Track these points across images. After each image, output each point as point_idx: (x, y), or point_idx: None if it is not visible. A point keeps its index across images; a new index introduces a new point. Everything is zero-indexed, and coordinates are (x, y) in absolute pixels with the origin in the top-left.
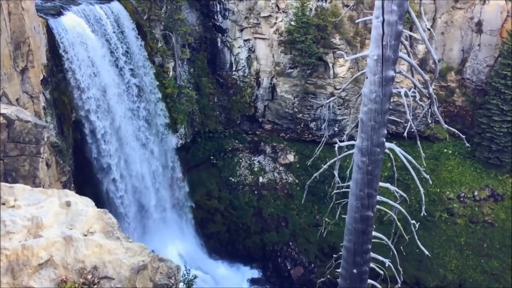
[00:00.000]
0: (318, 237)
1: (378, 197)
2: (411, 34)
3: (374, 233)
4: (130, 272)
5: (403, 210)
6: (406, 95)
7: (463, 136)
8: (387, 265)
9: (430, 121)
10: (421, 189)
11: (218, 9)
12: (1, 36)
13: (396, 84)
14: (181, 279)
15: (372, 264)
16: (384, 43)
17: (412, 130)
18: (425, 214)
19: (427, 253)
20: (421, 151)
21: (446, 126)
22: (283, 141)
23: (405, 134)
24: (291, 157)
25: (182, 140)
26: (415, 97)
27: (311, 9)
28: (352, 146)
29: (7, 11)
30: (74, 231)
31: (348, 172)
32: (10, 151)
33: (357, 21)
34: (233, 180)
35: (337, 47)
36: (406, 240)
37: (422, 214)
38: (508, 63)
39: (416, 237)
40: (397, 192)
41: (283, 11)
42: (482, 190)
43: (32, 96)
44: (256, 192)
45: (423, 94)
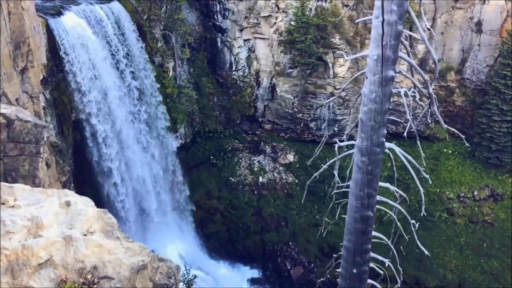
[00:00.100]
0: (318, 237)
1: (378, 197)
2: (411, 34)
3: (374, 233)
4: (130, 272)
5: (403, 210)
6: (406, 95)
7: (463, 136)
8: (387, 265)
9: (430, 121)
10: (421, 189)
11: (218, 9)
12: (1, 36)
13: (396, 84)
14: (181, 279)
15: (372, 264)
16: (384, 43)
17: (412, 130)
18: (425, 214)
19: (427, 253)
20: (421, 151)
21: (446, 126)
22: (283, 141)
23: (405, 134)
24: (291, 157)
25: (182, 140)
26: (415, 97)
27: (311, 9)
28: (352, 146)
29: (7, 11)
30: (74, 231)
31: (348, 172)
32: (10, 151)
33: (357, 21)
34: (233, 180)
35: (337, 47)
36: (406, 240)
37: (422, 214)
38: (508, 63)
39: (416, 237)
40: (397, 192)
41: (283, 11)
42: (482, 190)
43: (32, 96)
44: (256, 192)
45: (423, 94)
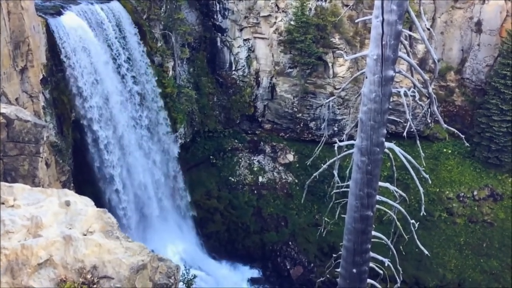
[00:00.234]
0: (318, 237)
1: (378, 197)
2: (411, 34)
3: (374, 233)
4: (130, 272)
5: (403, 210)
6: (406, 95)
7: (463, 136)
8: (387, 265)
9: (430, 121)
10: (421, 189)
11: (218, 9)
12: (1, 36)
13: (396, 84)
14: (181, 279)
15: (372, 264)
16: (384, 43)
17: (412, 130)
18: (425, 214)
19: (427, 253)
20: (421, 151)
21: (446, 126)
22: (283, 141)
23: (405, 134)
24: (291, 157)
25: (182, 140)
26: (415, 97)
27: (311, 9)
28: (352, 146)
29: (7, 11)
30: (74, 231)
31: (348, 172)
32: (10, 151)
33: (357, 21)
34: (233, 180)
35: (337, 47)
36: (406, 240)
37: (422, 214)
38: (508, 63)
39: (416, 237)
40: (397, 192)
41: (283, 11)
42: (482, 190)
43: (32, 96)
44: (256, 192)
45: (423, 94)
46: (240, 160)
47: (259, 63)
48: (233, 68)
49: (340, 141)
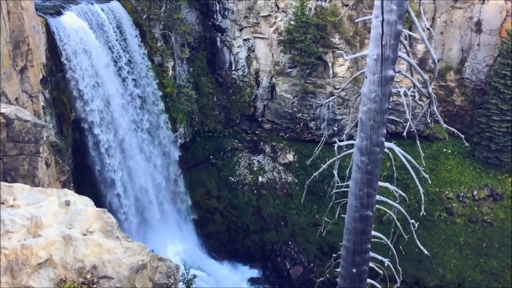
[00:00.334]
0: (318, 237)
1: (378, 197)
2: (411, 34)
3: (374, 233)
4: (130, 272)
5: (403, 210)
6: (406, 95)
7: (462, 136)
8: (387, 265)
9: (430, 121)
10: (421, 189)
11: (218, 9)
12: (1, 35)
13: (396, 84)
14: (181, 279)
15: (372, 264)
16: (384, 43)
17: (412, 130)
18: (424, 214)
19: (426, 253)
20: (421, 151)
21: (446, 126)
22: (283, 141)
23: (405, 134)
24: (291, 157)
25: (182, 140)
26: (415, 97)
27: (311, 9)
28: (352, 146)
29: (6, 10)
30: (73, 231)
31: (348, 172)
32: (9, 151)
33: (357, 21)
34: (233, 180)
35: (337, 47)
36: (406, 240)
37: (422, 214)
38: (508, 63)
39: (415, 237)
40: (397, 192)
41: (283, 11)
42: (481, 190)
43: (32, 96)
44: (256, 192)
45: (423, 94)
46: (240, 160)
47: (259, 63)
48: (233, 68)
49: (340, 141)
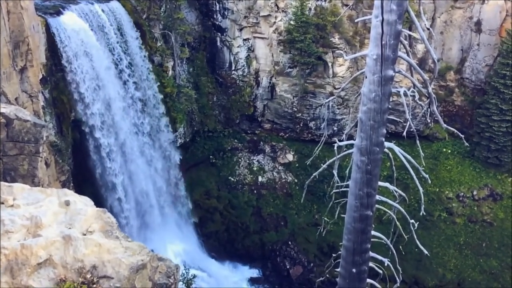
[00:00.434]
0: (317, 237)
1: (377, 197)
2: (410, 34)
3: (373, 233)
4: (129, 272)
5: (402, 210)
6: (406, 95)
7: (462, 136)
8: (386, 265)
9: (429, 121)
10: (420, 189)
11: (218, 8)
12: (0, 35)
13: (395, 84)
14: (180, 279)
15: (371, 264)
16: (384, 43)
17: (411, 130)
18: (424, 214)
19: (426, 253)
20: (420, 151)
21: (445, 126)
22: (282, 141)
23: (404, 134)
24: (290, 157)
25: (181, 140)
26: (414, 97)
27: (311, 9)
28: (351, 146)
29: (6, 10)
30: (73, 230)
31: (348, 172)
32: (9, 150)
33: (357, 21)
34: (232, 180)
35: (337, 47)
36: (405, 240)
37: (421, 214)
38: (507, 63)
39: (415, 237)
40: (396, 192)
41: (283, 11)
42: (481, 190)
43: (31, 95)
44: (255, 192)
45: (422, 94)
46: (240, 160)
47: (259, 63)
48: (233, 68)
49: (340, 141)
